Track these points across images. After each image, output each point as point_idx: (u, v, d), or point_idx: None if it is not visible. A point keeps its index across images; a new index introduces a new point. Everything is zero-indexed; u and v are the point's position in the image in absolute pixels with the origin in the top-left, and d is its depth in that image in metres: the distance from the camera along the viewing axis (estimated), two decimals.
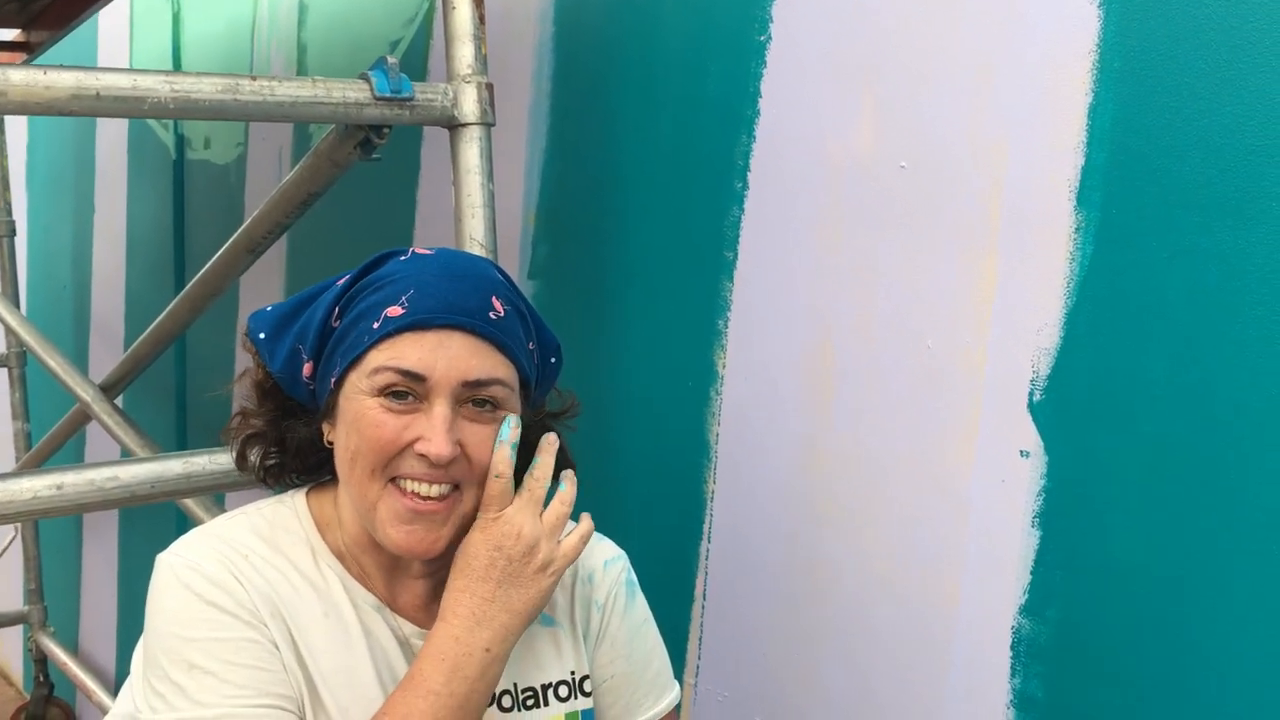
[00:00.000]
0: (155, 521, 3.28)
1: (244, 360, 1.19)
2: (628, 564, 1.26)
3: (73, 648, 4.06)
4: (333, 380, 1.08)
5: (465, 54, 1.64)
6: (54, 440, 2.98)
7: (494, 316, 1.07)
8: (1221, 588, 1.17)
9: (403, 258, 1.10)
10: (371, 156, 1.67)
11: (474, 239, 1.63)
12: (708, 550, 1.72)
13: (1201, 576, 1.18)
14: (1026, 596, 1.32)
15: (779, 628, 1.61)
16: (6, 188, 3.80)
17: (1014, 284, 1.31)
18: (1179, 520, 1.20)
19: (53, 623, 3.94)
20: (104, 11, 3.50)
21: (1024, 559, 1.32)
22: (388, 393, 1.04)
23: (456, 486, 1.07)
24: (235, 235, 2.06)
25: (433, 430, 1.03)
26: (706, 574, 1.72)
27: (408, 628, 1.12)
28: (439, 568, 1.12)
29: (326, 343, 1.09)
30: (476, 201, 1.63)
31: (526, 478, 1.12)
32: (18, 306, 3.68)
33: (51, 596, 3.97)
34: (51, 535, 4.03)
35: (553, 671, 1.17)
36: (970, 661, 1.37)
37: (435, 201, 2.25)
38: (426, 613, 1.13)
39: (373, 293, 1.07)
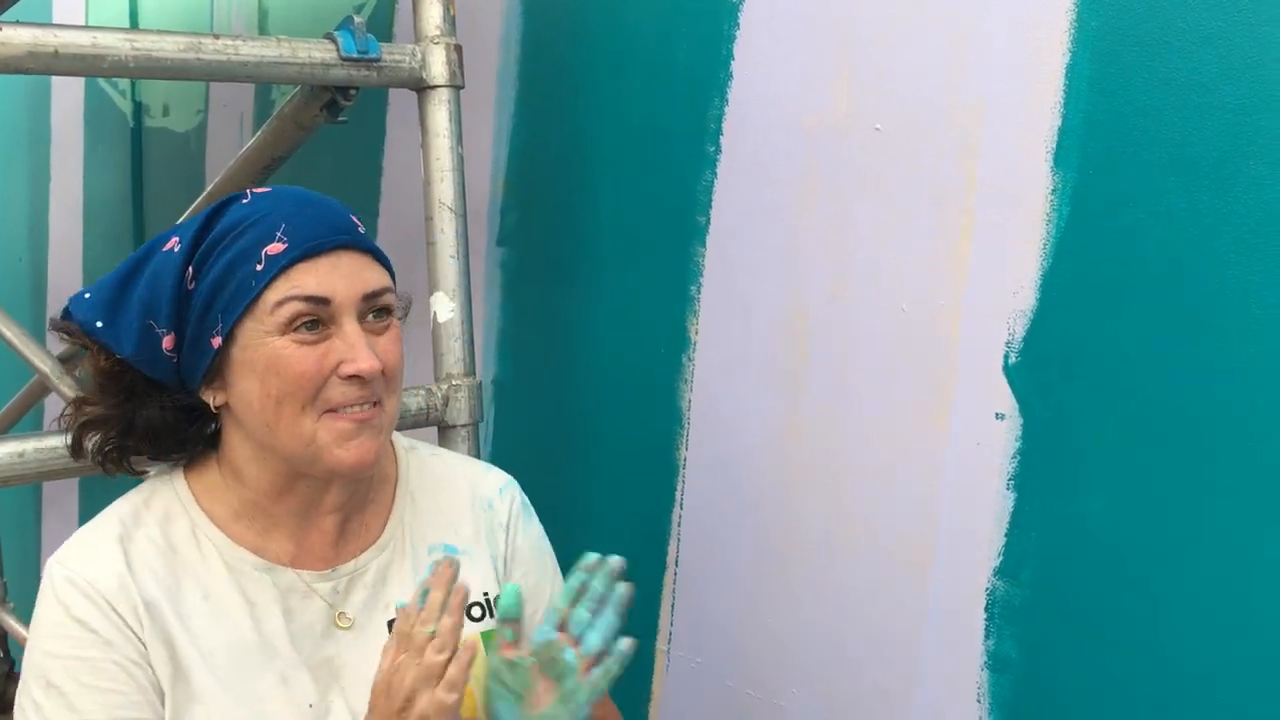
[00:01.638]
0: (114, 494, 3.24)
1: None
2: (516, 487, 1.30)
3: None
4: (214, 339, 1.06)
5: (433, 14, 1.61)
6: (12, 413, 2.92)
7: (362, 231, 1.12)
8: (1193, 548, 1.18)
9: (244, 201, 1.08)
10: (338, 119, 1.65)
11: (443, 203, 1.60)
12: (680, 517, 1.72)
13: (1174, 537, 1.19)
14: (1001, 558, 1.32)
15: (752, 593, 1.61)
16: None
17: (990, 246, 1.31)
18: (1153, 482, 1.20)
19: (12, 598, 3.89)
20: None
21: (999, 521, 1.32)
22: (296, 326, 1.05)
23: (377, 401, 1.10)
24: (197, 201, 2.02)
25: (355, 350, 1.06)
26: (679, 541, 1.72)
27: (306, 576, 1.13)
28: (348, 499, 1.15)
29: (187, 308, 1.06)
30: (445, 165, 1.61)
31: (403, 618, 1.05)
32: None
33: (11, 571, 3.91)
34: (9, 508, 3.97)
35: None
36: (945, 624, 1.37)
37: (401, 167, 2.22)
38: (335, 550, 1.16)
39: (234, 240, 1.05)
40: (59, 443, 1.32)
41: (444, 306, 1.60)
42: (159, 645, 1.06)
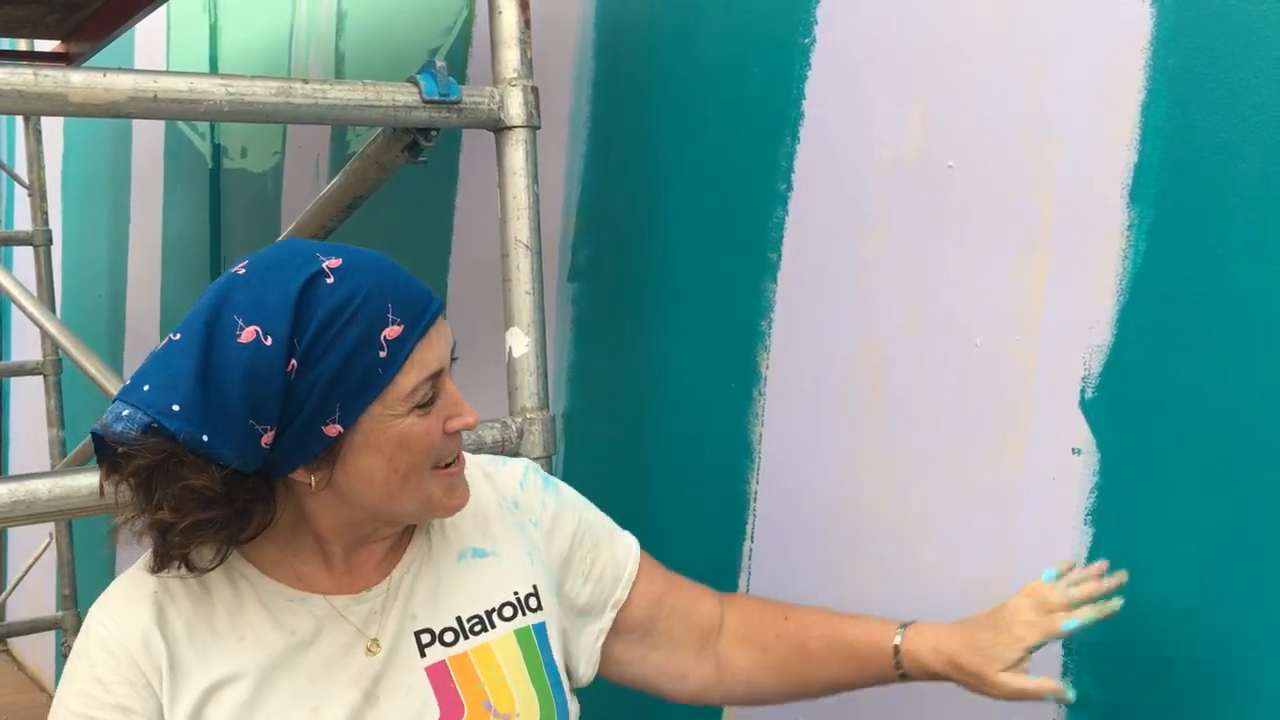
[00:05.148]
0: None
1: None
2: (534, 468, 1.30)
3: None
4: (330, 428, 1.02)
5: (511, 58, 1.65)
6: (89, 447, 3.00)
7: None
8: (1275, 587, 1.16)
9: (329, 280, 1.02)
10: (418, 160, 1.69)
11: (519, 240, 1.64)
12: (750, 550, 1.72)
13: (1254, 576, 1.18)
14: None
15: None
16: (43, 197, 3.85)
17: (1065, 281, 1.31)
18: (1232, 519, 1.19)
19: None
20: (141, 24, 3.54)
21: (1076, 557, 1.31)
22: (421, 403, 1.07)
23: None
24: (277, 241, 2.08)
25: (460, 406, 1.10)
26: (749, 574, 1.73)
27: (340, 601, 1.13)
28: (403, 526, 1.18)
29: (293, 401, 1.01)
30: (522, 204, 1.65)
31: None
32: (54, 314, 3.72)
33: (85, 602, 3.99)
34: (85, 540, 4.06)
35: (495, 596, 1.20)
36: None
37: (473, 206, 2.27)
38: (378, 569, 1.16)
39: (346, 327, 1.01)
40: None
41: (519, 341, 1.64)
42: (183, 701, 1.07)
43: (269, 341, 1.00)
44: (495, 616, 1.19)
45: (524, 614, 1.21)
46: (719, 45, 1.74)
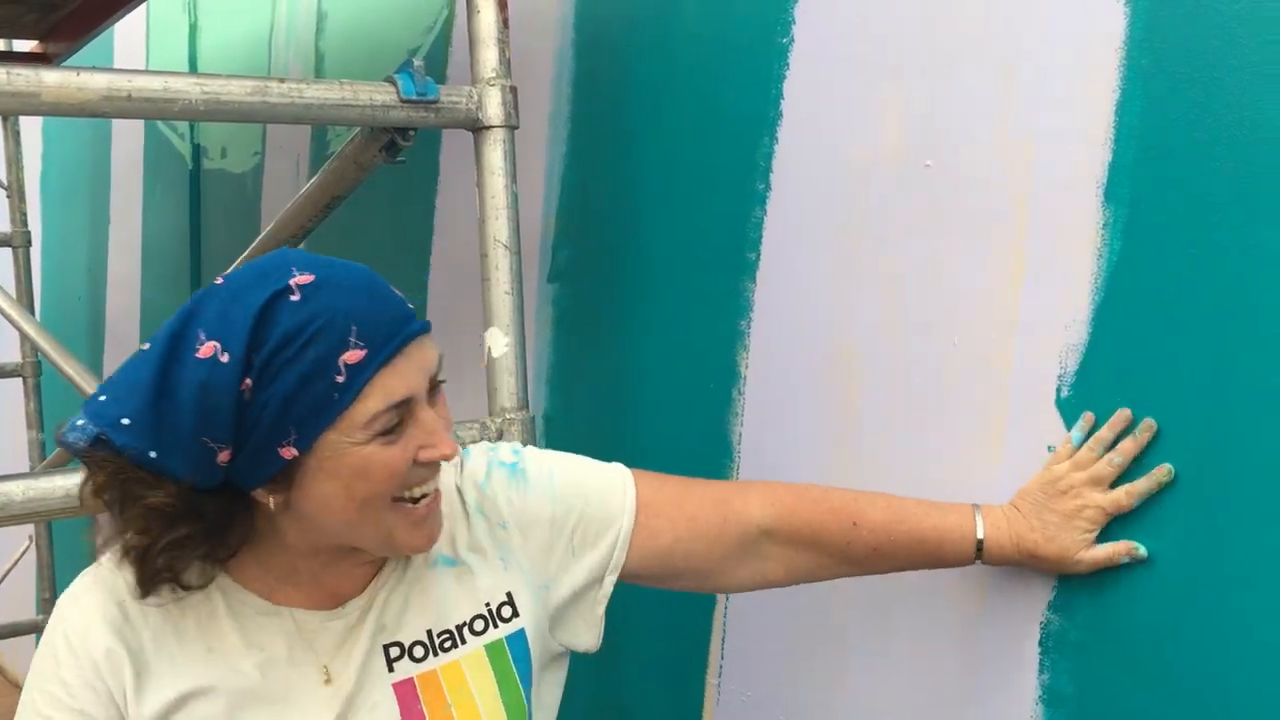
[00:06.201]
0: None
1: None
2: (495, 459, 1.22)
3: None
4: (285, 450, 0.99)
5: (489, 57, 1.65)
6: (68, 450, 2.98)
7: (410, 305, 1.06)
8: (1251, 582, 1.17)
9: (294, 298, 0.98)
10: (396, 159, 1.69)
11: (498, 240, 1.64)
12: None
13: (1231, 571, 1.18)
14: (1055, 592, 1.32)
15: (803, 627, 1.61)
16: (22, 198, 3.83)
17: (1041, 280, 1.32)
18: (1207, 515, 1.20)
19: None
20: (120, 23, 3.52)
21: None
22: (384, 431, 1.02)
23: None
24: (256, 241, 2.07)
25: (435, 436, 1.04)
26: None
27: (316, 617, 1.11)
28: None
29: (247, 420, 0.98)
30: (501, 204, 1.64)
31: None
32: (33, 316, 3.70)
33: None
34: (65, 544, 4.04)
35: (465, 610, 1.17)
36: (998, 657, 1.37)
37: (454, 206, 2.27)
38: (356, 584, 1.14)
39: (302, 350, 0.97)
40: None
41: (498, 342, 1.63)
42: (150, 705, 1.06)
43: (225, 359, 0.97)
44: (466, 631, 1.17)
45: (496, 625, 1.18)
46: (698, 46, 1.75)
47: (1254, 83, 1.15)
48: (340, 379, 0.98)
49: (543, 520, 1.21)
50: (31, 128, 4.23)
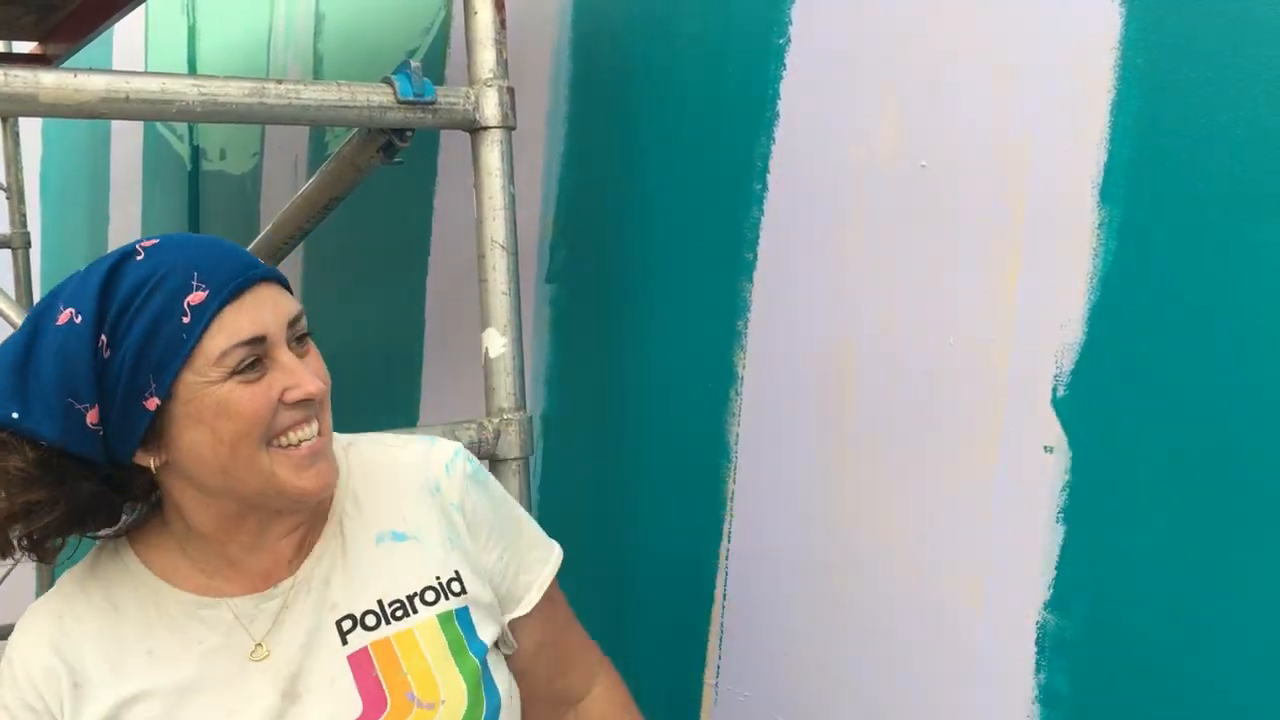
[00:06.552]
0: None
1: None
2: (465, 456, 1.26)
3: None
4: (149, 401, 1.04)
5: (487, 58, 1.65)
6: None
7: (264, 264, 1.11)
8: (1246, 582, 1.17)
9: (139, 258, 1.05)
10: (394, 160, 1.69)
11: (495, 241, 1.64)
12: (728, 550, 1.73)
13: (1227, 570, 1.19)
14: (1051, 591, 1.32)
15: (801, 626, 1.62)
16: (21, 200, 3.83)
17: (1037, 279, 1.32)
18: (1203, 514, 1.20)
19: None
20: (119, 25, 3.52)
21: (1048, 554, 1.32)
22: (240, 369, 1.05)
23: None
24: (255, 242, 2.07)
25: (296, 375, 1.07)
26: (727, 574, 1.73)
27: (249, 601, 1.14)
28: (305, 517, 1.16)
29: (108, 377, 1.03)
30: (498, 204, 1.64)
31: None
32: None
33: None
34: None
35: (415, 581, 1.18)
36: (995, 657, 1.37)
37: (452, 207, 2.27)
38: (288, 568, 1.15)
39: (147, 299, 1.03)
40: None
41: (496, 342, 1.64)
42: (88, 715, 1.08)
43: (79, 320, 1.03)
44: (417, 601, 1.17)
45: (446, 598, 1.18)
46: (695, 46, 1.75)
47: (1248, 83, 1.15)
48: (186, 320, 1.03)
49: (482, 530, 1.24)
50: (31, 129, 4.23)
